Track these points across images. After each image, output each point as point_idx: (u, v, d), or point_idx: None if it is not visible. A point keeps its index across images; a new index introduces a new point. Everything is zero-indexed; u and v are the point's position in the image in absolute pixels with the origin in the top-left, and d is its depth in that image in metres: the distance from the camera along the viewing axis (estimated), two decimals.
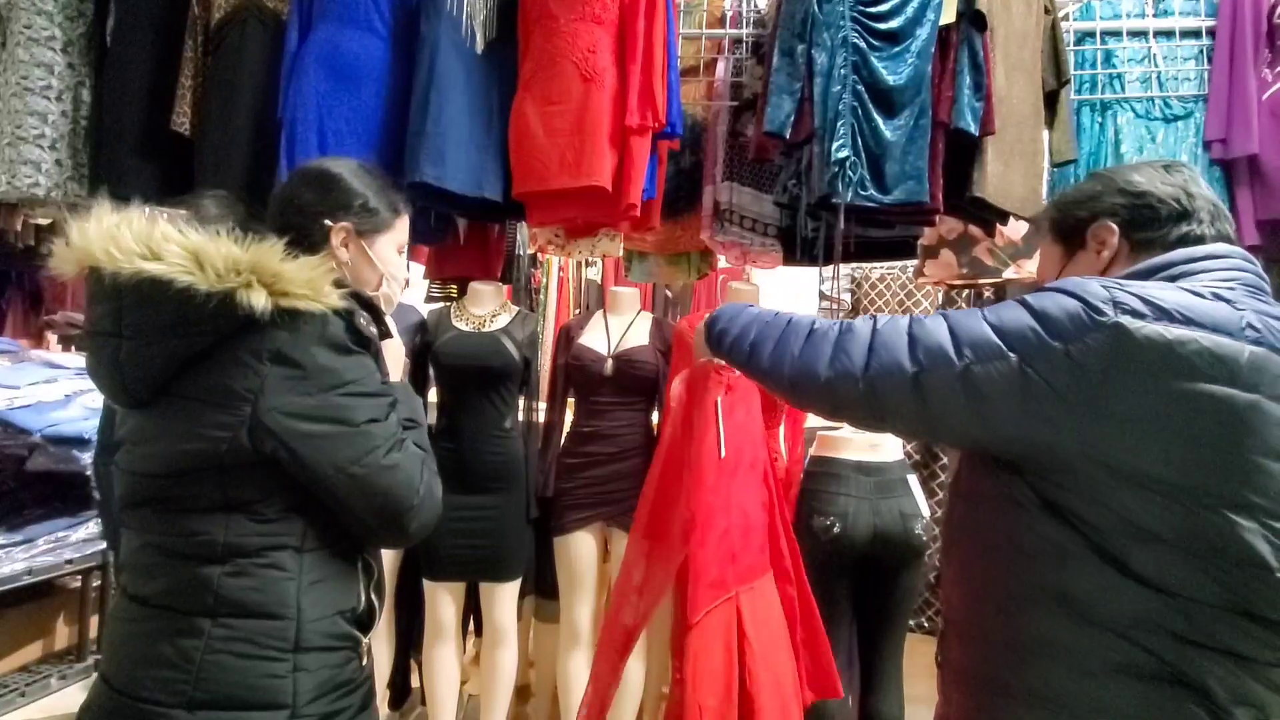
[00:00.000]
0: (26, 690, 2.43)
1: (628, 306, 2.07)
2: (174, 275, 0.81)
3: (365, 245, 1.03)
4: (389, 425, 0.90)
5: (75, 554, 2.54)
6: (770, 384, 0.94)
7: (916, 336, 0.80)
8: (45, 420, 2.40)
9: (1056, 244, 0.96)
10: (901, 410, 0.80)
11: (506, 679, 2.00)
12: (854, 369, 0.81)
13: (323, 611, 0.88)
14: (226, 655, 0.83)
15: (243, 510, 0.86)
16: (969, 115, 1.69)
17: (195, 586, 0.84)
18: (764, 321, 0.95)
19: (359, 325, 0.89)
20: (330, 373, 0.86)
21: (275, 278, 0.83)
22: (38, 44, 1.97)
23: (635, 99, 1.72)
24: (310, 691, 0.86)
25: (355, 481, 0.86)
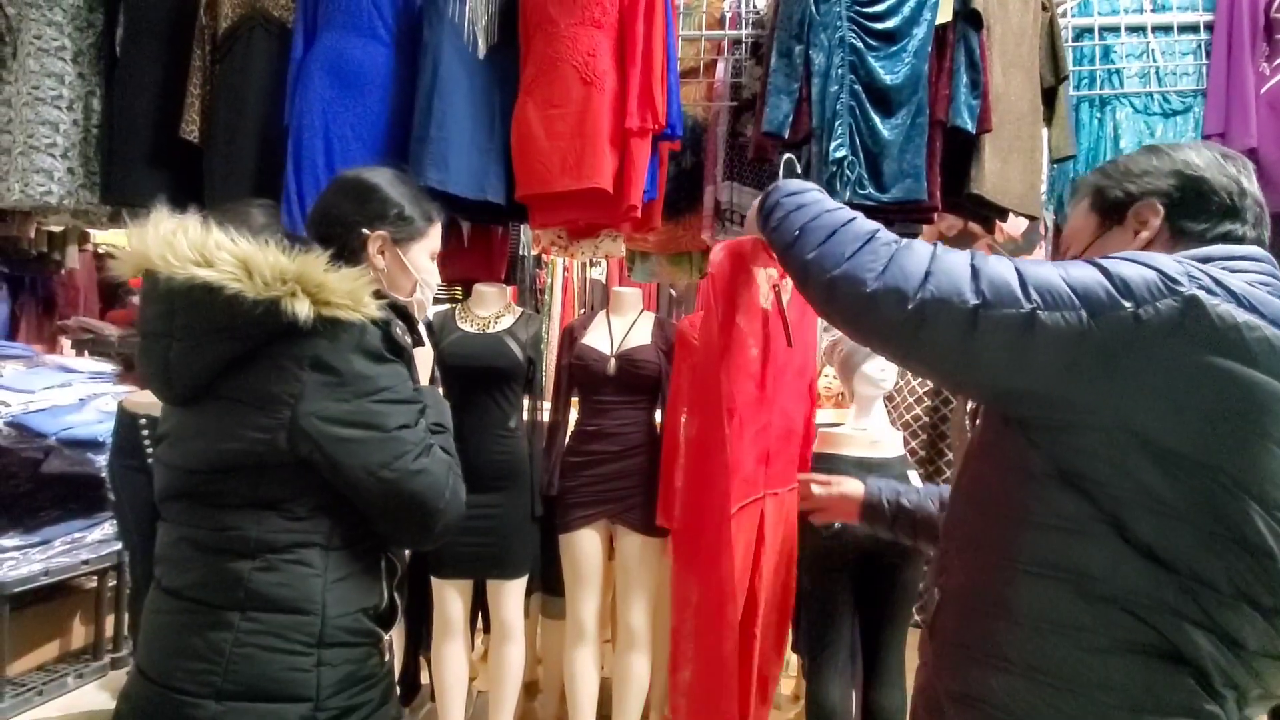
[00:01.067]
0: (44, 689, 2.47)
1: (630, 306, 2.09)
2: (224, 282, 0.85)
3: (400, 253, 1.06)
4: (419, 431, 0.94)
5: (91, 554, 2.58)
6: (806, 280, 0.86)
7: (980, 270, 0.75)
8: (60, 424, 2.44)
9: (1093, 214, 0.91)
10: (941, 342, 0.76)
11: (514, 675, 2.03)
12: (907, 286, 0.75)
13: (346, 608, 0.91)
14: (254, 648, 0.86)
15: (274, 508, 0.89)
16: (966, 113, 1.71)
17: (226, 580, 0.88)
18: (823, 209, 0.88)
19: (395, 335, 0.93)
20: (366, 379, 0.90)
21: (319, 288, 0.87)
22: (48, 54, 2.01)
23: (635, 101, 1.74)
24: (333, 685, 0.89)
25: (386, 485, 0.89)
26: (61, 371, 2.69)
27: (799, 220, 0.88)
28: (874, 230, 0.83)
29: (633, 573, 1.98)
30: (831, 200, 0.91)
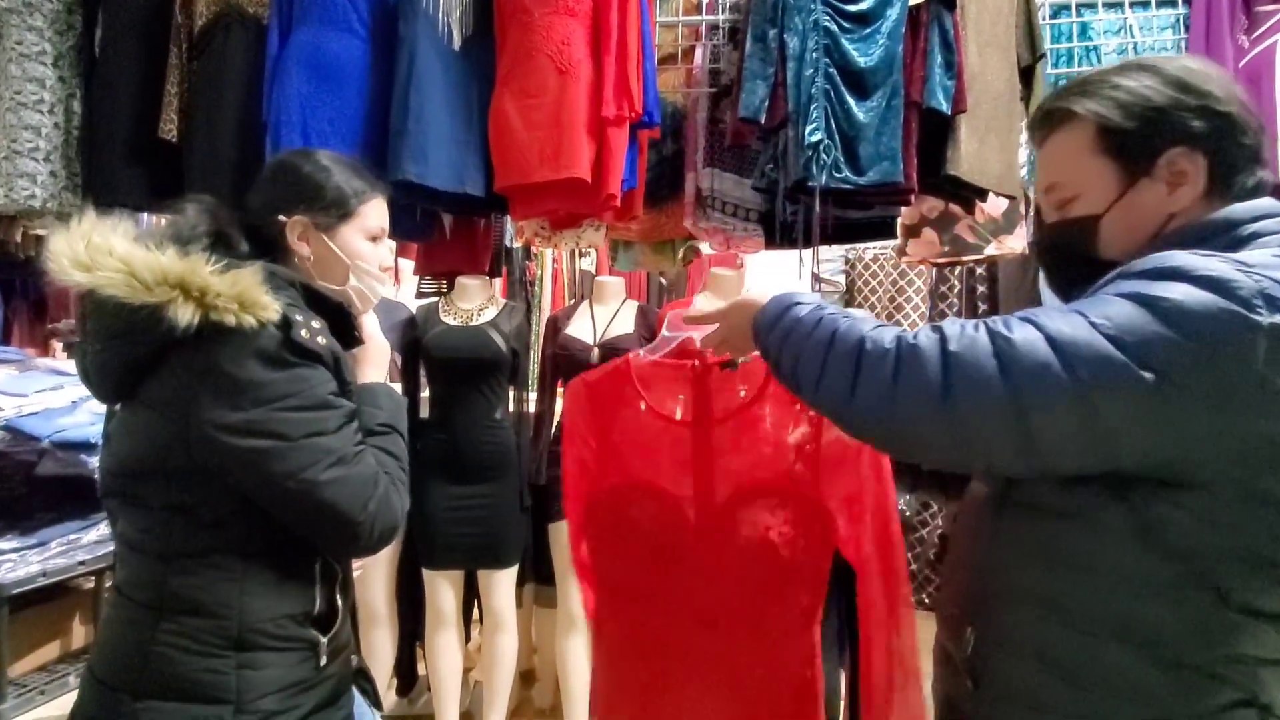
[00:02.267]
0: (45, 689, 2.50)
1: (613, 296, 2.10)
2: (100, 286, 0.82)
3: (326, 238, 0.99)
4: (335, 439, 0.88)
5: (88, 555, 2.60)
6: (831, 418, 0.77)
7: (1008, 356, 0.64)
8: (53, 426, 2.46)
9: (1107, 160, 0.75)
10: (995, 443, 0.65)
11: (508, 663, 2.05)
12: (932, 396, 0.66)
13: (268, 613, 0.88)
14: (170, 649, 0.85)
15: (187, 513, 0.87)
16: (940, 94, 1.71)
17: (147, 580, 0.88)
18: (803, 335, 0.77)
19: (298, 338, 0.86)
20: (263, 386, 0.84)
21: (203, 291, 0.82)
22: (29, 59, 2.01)
23: (611, 90, 1.74)
24: (257, 688, 0.87)
25: (292, 496, 0.85)
26: (53, 374, 2.71)
27: (787, 356, 0.78)
28: (859, 341, 0.71)
29: None
30: (805, 309, 0.79)
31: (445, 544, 1.96)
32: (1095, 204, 0.76)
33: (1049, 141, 0.80)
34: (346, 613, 0.97)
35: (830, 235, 1.94)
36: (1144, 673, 0.67)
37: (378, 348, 1.07)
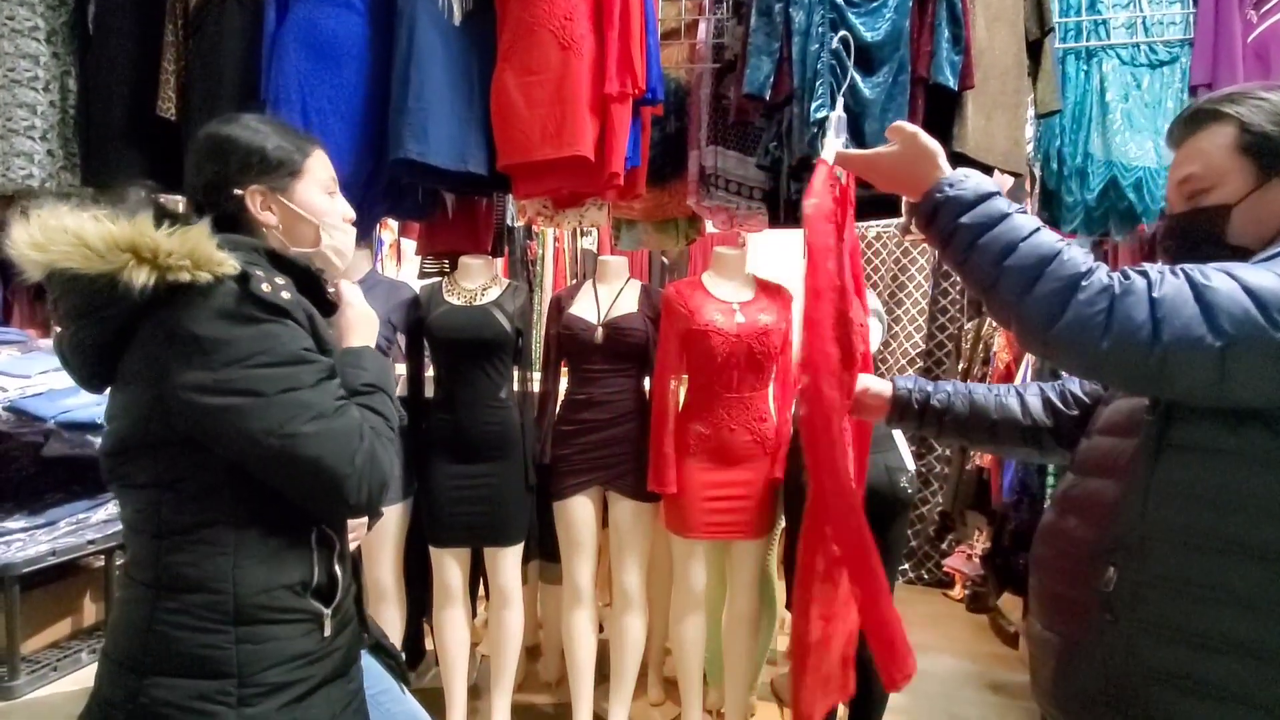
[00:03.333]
0: (59, 665, 2.53)
1: (616, 275, 2.09)
2: (56, 261, 0.81)
3: (285, 200, 0.96)
4: (313, 393, 0.86)
5: (97, 534, 2.62)
6: (1020, 329, 0.82)
7: (1211, 303, 0.72)
8: (58, 407, 2.46)
9: (1246, 159, 0.84)
10: (1194, 382, 0.74)
11: (514, 639, 2.08)
12: (1142, 340, 0.73)
13: (263, 585, 0.87)
14: (170, 626, 0.85)
15: (172, 488, 0.87)
16: (947, 69, 1.69)
17: (145, 559, 0.88)
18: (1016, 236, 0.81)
19: (260, 291, 0.84)
20: (230, 344, 0.83)
21: (154, 252, 0.81)
22: (21, 35, 1.98)
23: (614, 65, 1.72)
24: (260, 661, 0.86)
25: (275, 452, 0.84)
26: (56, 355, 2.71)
27: (991, 254, 0.82)
28: (1080, 272, 0.78)
29: (626, 537, 2.02)
30: (1017, 215, 0.84)
31: (451, 522, 1.98)
32: (1230, 195, 0.85)
33: (1193, 138, 0.88)
34: (349, 584, 0.97)
35: None
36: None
37: (359, 314, 1.05)
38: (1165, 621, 0.80)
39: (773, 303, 1.95)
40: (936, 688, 2.56)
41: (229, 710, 0.84)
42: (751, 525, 1.94)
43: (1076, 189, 2.06)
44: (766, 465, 1.93)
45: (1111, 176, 2.04)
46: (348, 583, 0.96)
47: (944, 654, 2.83)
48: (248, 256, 0.88)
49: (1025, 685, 2.65)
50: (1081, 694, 0.86)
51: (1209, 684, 0.77)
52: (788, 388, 1.98)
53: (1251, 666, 0.75)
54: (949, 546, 3.50)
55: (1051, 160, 2.09)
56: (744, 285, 1.99)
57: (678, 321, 1.92)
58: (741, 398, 1.91)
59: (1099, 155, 2.04)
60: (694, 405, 1.96)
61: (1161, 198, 2.06)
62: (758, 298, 1.96)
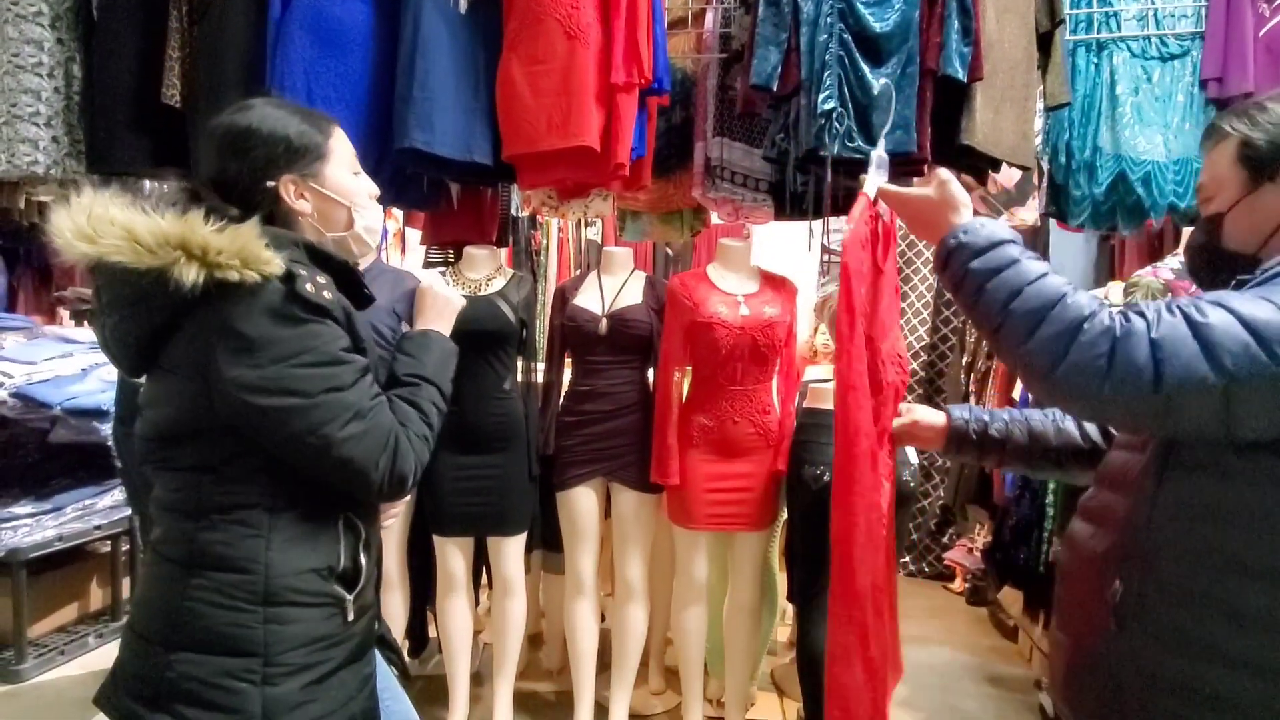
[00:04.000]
0: (66, 649, 2.57)
1: (621, 266, 2.09)
2: (107, 255, 0.82)
3: (318, 186, 0.97)
4: (351, 394, 0.89)
5: (103, 520, 2.65)
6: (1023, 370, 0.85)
7: (1210, 340, 0.72)
8: (64, 394, 2.48)
9: (1240, 168, 0.88)
10: (1200, 422, 0.75)
11: (516, 627, 2.10)
12: (1144, 383, 0.74)
13: (294, 568, 0.90)
14: (200, 603, 0.87)
15: (213, 472, 0.89)
16: (957, 61, 1.67)
17: (178, 538, 0.90)
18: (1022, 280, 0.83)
19: (304, 291, 0.86)
20: (276, 344, 0.85)
21: (204, 250, 0.82)
22: (26, 20, 1.98)
23: (620, 55, 1.71)
24: (285, 642, 0.89)
25: (311, 450, 0.87)
26: (62, 342, 2.72)
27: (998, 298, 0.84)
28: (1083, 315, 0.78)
29: (629, 528, 2.03)
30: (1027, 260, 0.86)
31: (455, 512, 1.99)
32: (1223, 203, 0.89)
33: (1210, 152, 0.93)
34: (372, 572, 0.99)
35: (841, 206, 1.92)
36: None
37: (436, 296, 1.08)
38: (1168, 633, 0.81)
39: (777, 295, 1.95)
40: (935, 680, 2.58)
41: (253, 688, 0.86)
42: (753, 517, 1.94)
43: (1084, 183, 2.05)
44: (769, 457, 1.94)
45: (1120, 171, 2.02)
46: (370, 570, 0.98)
47: (943, 646, 2.84)
48: (291, 254, 0.89)
49: (1023, 678, 2.68)
50: (1089, 696, 0.88)
51: (1210, 694, 0.78)
52: (791, 380, 1.98)
53: (1252, 680, 0.76)
54: (950, 540, 3.51)
55: (1060, 154, 2.08)
56: (749, 277, 1.98)
57: (682, 313, 1.92)
58: (745, 390, 1.91)
59: (1108, 149, 2.02)
60: (697, 397, 1.96)
61: (1170, 192, 2.05)
62: (762, 290, 1.96)
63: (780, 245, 3.20)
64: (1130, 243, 2.69)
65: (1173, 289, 1.68)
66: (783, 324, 1.91)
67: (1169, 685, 0.80)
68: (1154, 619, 0.82)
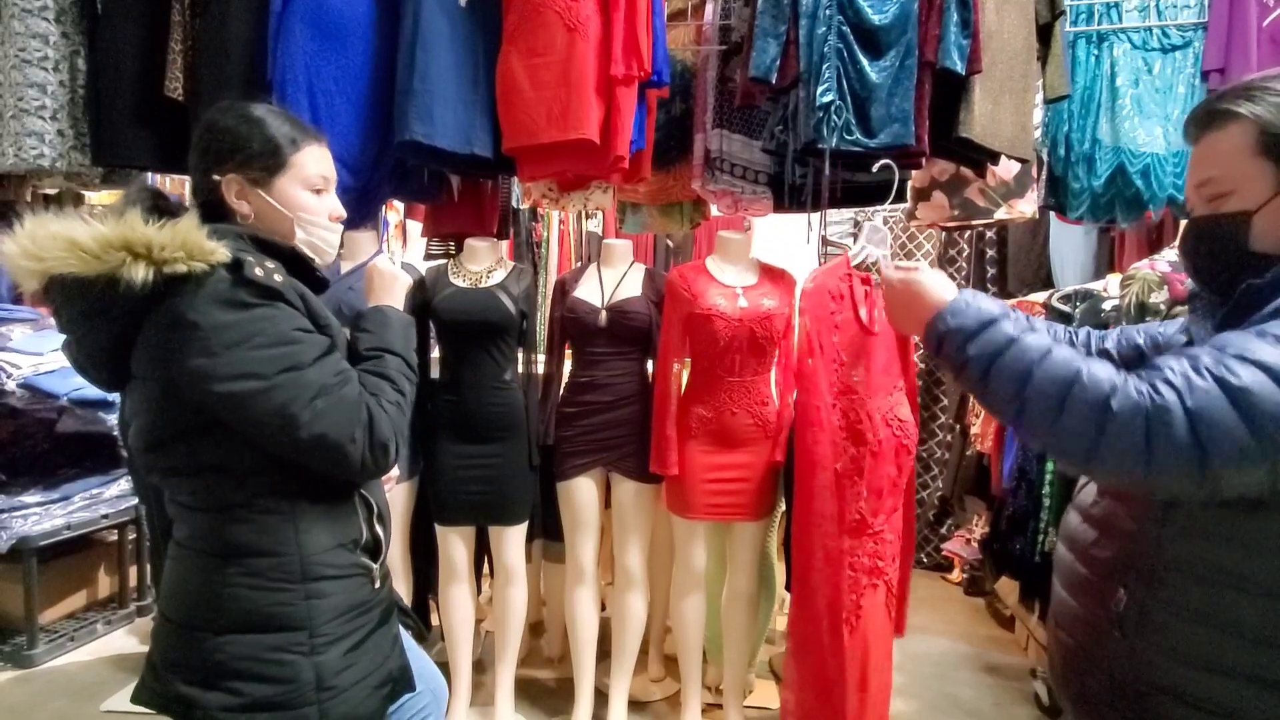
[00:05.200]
0: (75, 635, 2.61)
1: (620, 259, 2.10)
2: (56, 268, 0.83)
3: (263, 193, 0.98)
4: (313, 371, 0.90)
5: (110, 509, 2.68)
6: (1055, 453, 0.81)
7: (1249, 406, 0.68)
8: (70, 384, 2.51)
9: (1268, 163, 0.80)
10: (1246, 487, 0.72)
11: (518, 615, 2.12)
12: (1188, 463, 0.70)
13: (324, 545, 0.95)
14: (241, 588, 0.92)
15: (221, 469, 0.91)
16: (955, 54, 1.67)
17: (208, 533, 0.94)
18: (1028, 360, 0.79)
19: (253, 276, 0.87)
20: (230, 329, 0.86)
21: (147, 247, 0.83)
22: (31, 15, 1.99)
23: (619, 48, 1.72)
24: (326, 614, 0.94)
25: (279, 431, 0.88)
26: None
27: (1007, 384, 0.80)
28: (1105, 394, 0.73)
29: (628, 517, 2.05)
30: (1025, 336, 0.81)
31: (456, 501, 2.01)
32: (1250, 200, 0.81)
33: (1207, 138, 0.84)
34: (388, 540, 1.04)
35: (839, 198, 1.93)
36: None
37: (380, 273, 1.10)
38: (1171, 645, 0.81)
39: (775, 287, 1.96)
40: (932, 669, 2.60)
41: (303, 659, 0.93)
42: (752, 507, 1.96)
43: (1083, 175, 2.05)
44: (767, 448, 1.95)
45: (1119, 163, 2.02)
46: (387, 539, 1.04)
47: (941, 636, 2.87)
48: (236, 244, 0.91)
49: (1019, 666, 2.70)
50: (1089, 693, 0.89)
51: (1208, 700, 0.79)
52: (789, 372, 1.99)
53: (1250, 690, 0.77)
54: (948, 531, 3.52)
55: (1059, 146, 2.08)
56: (747, 269, 1.99)
57: (681, 305, 1.93)
58: (743, 381, 1.93)
59: (1107, 141, 2.02)
60: (696, 388, 1.98)
61: (1170, 184, 2.04)
62: (761, 282, 1.97)
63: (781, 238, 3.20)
64: (1130, 235, 2.68)
65: (1169, 281, 1.68)
66: (781, 316, 1.92)
67: (1169, 690, 0.81)
68: (1156, 630, 0.82)
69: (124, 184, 2.43)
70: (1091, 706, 0.89)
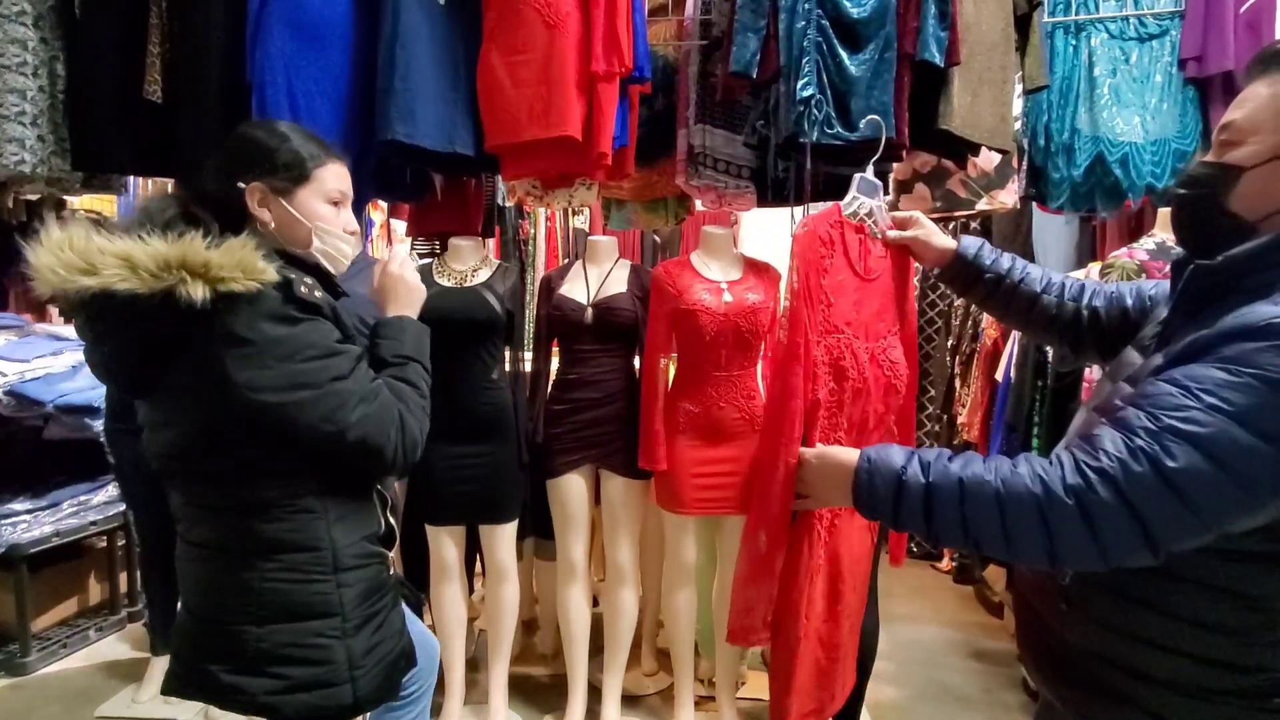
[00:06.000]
0: (68, 642, 2.60)
1: (606, 255, 2.10)
2: (112, 284, 0.87)
3: (285, 202, 1.04)
4: (354, 379, 0.99)
5: (98, 515, 2.68)
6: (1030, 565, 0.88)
7: (1188, 493, 0.69)
8: (56, 391, 2.50)
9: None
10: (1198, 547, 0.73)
11: (510, 613, 2.13)
12: (1140, 550, 0.72)
13: (352, 538, 1.05)
14: (279, 582, 1.01)
15: (257, 470, 0.99)
16: (934, 46, 1.68)
17: (242, 533, 1.00)
18: (948, 502, 0.80)
19: (299, 293, 0.95)
20: (281, 343, 0.94)
21: (205, 266, 0.89)
22: (9, 20, 1.97)
23: (600, 44, 1.71)
24: (354, 600, 1.05)
25: (330, 437, 0.97)
26: (53, 340, 2.73)
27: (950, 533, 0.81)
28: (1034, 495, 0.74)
29: (618, 513, 2.06)
30: (927, 471, 0.82)
31: (447, 501, 2.01)
32: (1250, 156, 0.76)
33: (1258, 81, 0.78)
34: (400, 531, 1.18)
35: (821, 192, 1.94)
36: (1222, 609, 0.76)
37: (396, 281, 1.16)
38: (1106, 619, 0.85)
39: (760, 281, 1.97)
40: (922, 655, 2.63)
41: (338, 642, 1.03)
42: (741, 500, 1.97)
43: (1063, 165, 2.07)
44: (755, 442, 1.96)
45: (1098, 152, 2.04)
46: (400, 528, 1.17)
47: (930, 624, 2.89)
48: (278, 261, 0.97)
49: (1008, 653, 2.72)
50: (1044, 657, 0.93)
51: (1140, 669, 0.82)
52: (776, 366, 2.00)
53: (1175, 660, 0.80)
54: None
55: (1039, 136, 2.09)
56: (732, 264, 2.00)
57: (666, 301, 1.94)
58: (730, 376, 1.94)
59: (1086, 131, 2.04)
60: (683, 383, 1.98)
61: (1148, 173, 2.06)
62: (746, 276, 1.98)
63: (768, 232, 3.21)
64: (1111, 224, 2.71)
65: (1147, 270, 1.70)
66: (766, 309, 1.93)
67: (1108, 659, 0.85)
68: (1095, 607, 0.86)
69: (105, 188, 2.43)
70: (1047, 670, 0.93)
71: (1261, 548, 0.74)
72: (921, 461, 0.84)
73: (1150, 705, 0.81)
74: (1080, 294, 1.11)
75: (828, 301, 1.26)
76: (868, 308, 1.34)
